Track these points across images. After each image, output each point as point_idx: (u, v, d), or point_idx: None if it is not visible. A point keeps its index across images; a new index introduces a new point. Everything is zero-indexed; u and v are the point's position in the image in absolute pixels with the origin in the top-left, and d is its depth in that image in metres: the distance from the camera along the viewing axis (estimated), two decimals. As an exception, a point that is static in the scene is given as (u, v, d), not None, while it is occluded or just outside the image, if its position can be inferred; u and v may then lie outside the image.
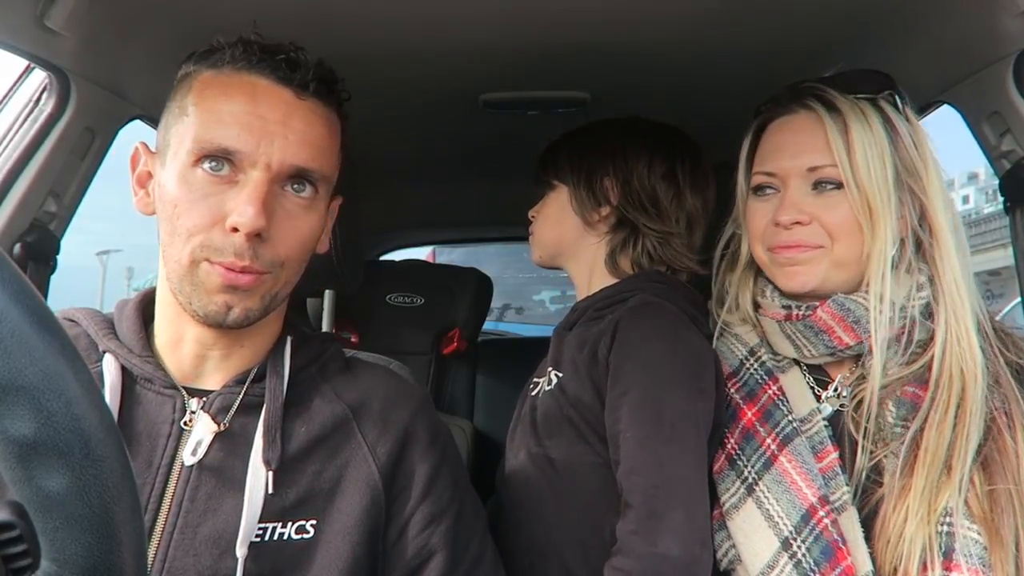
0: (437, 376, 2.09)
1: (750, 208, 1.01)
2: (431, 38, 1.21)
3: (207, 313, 0.76)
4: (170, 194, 0.76)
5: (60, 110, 1.13)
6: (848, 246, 0.92)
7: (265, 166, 0.75)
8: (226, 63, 0.78)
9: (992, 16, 1.02)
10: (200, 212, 0.74)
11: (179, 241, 0.75)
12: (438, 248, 3.93)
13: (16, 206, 1.12)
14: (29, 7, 0.96)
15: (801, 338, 0.96)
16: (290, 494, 0.79)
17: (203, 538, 0.75)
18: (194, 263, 0.75)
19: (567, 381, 1.06)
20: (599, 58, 1.30)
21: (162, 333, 0.83)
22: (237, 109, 0.75)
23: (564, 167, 1.20)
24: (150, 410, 0.79)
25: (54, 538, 0.42)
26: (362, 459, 0.83)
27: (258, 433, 0.79)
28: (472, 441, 1.84)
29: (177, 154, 0.76)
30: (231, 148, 0.74)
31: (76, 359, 0.43)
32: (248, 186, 0.74)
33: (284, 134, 0.76)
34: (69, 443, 0.41)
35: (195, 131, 0.75)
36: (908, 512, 0.84)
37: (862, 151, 0.90)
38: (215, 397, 0.80)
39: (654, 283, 1.11)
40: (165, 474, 0.76)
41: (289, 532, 0.78)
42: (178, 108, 0.79)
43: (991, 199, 22.83)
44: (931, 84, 1.21)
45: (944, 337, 0.90)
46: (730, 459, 0.96)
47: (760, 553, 0.89)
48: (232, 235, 0.74)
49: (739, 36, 1.21)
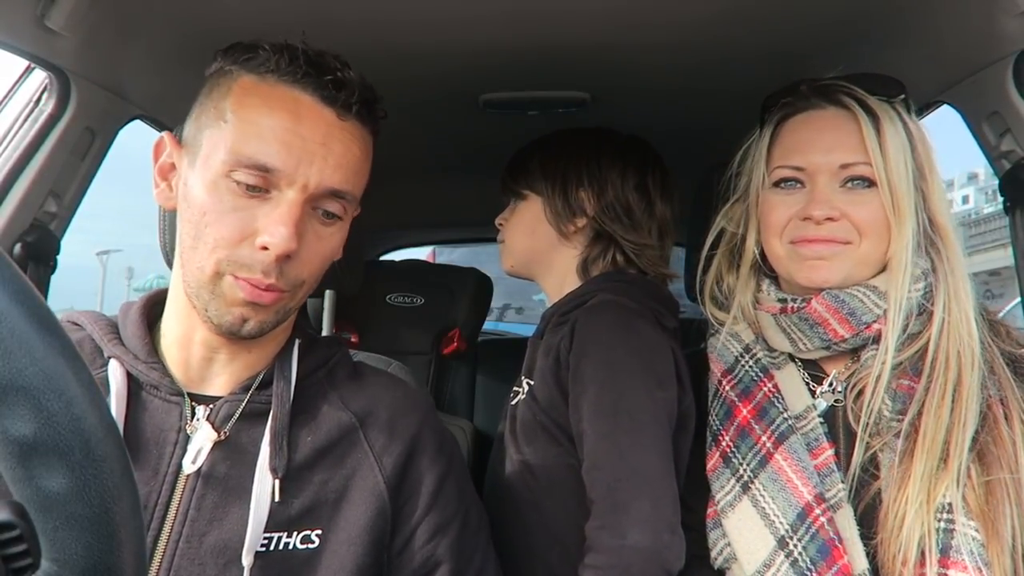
0: (437, 376, 2.09)
1: (769, 201, 0.99)
2: (431, 38, 1.21)
3: (222, 323, 0.76)
4: (198, 200, 0.75)
5: (60, 110, 1.14)
6: (875, 244, 0.92)
7: (302, 187, 0.74)
8: (270, 71, 0.76)
9: (992, 16, 1.02)
10: (229, 225, 0.73)
11: (204, 249, 0.74)
12: (438, 248, 3.93)
13: (16, 206, 1.12)
14: (29, 7, 0.96)
15: (796, 331, 0.96)
16: (295, 503, 0.78)
17: (208, 547, 0.74)
18: (218, 275, 0.74)
19: (538, 388, 1.08)
20: (599, 58, 1.30)
21: (170, 331, 0.82)
22: (278, 125, 0.74)
23: (537, 177, 1.19)
24: (156, 417, 0.78)
25: (54, 538, 0.42)
26: (368, 468, 0.82)
27: (264, 440, 0.78)
28: (472, 441, 1.84)
29: (210, 160, 0.75)
30: (270, 166, 0.73)
31: (76, 359, 0.43)
32: (283, 206, 0.73)
33: (324, 156, 0.75)
34: (69, 443, 0.42)
35: (232, 141, 0.74)
36: (908, 500, 0.84)
37: (894, 151, 0.91)
38: (222, 404, 0.80)
39: (612, 282, 1.12)
40: (172, 482, 0.76)
41: (294, 542, 0.77)
42: (214, 109, 0.76)
43: (991, 199, 22.84)
44: (931, 84, 1.21)
45: (943, 317, 0.90)
46: (725, 457, 0.96)
47: (756, 552, 0.89)
48: (260, 252, 0.73)
49: (738, 37, 1.21)
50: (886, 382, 0.89)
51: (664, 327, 1.07)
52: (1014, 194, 1.15)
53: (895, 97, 0.96)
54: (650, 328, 1.04)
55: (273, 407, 0.80)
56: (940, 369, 0.88)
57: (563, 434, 1.04)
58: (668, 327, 1.08)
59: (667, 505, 0.93)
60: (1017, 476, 0.84)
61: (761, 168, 1.00)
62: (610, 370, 0.99)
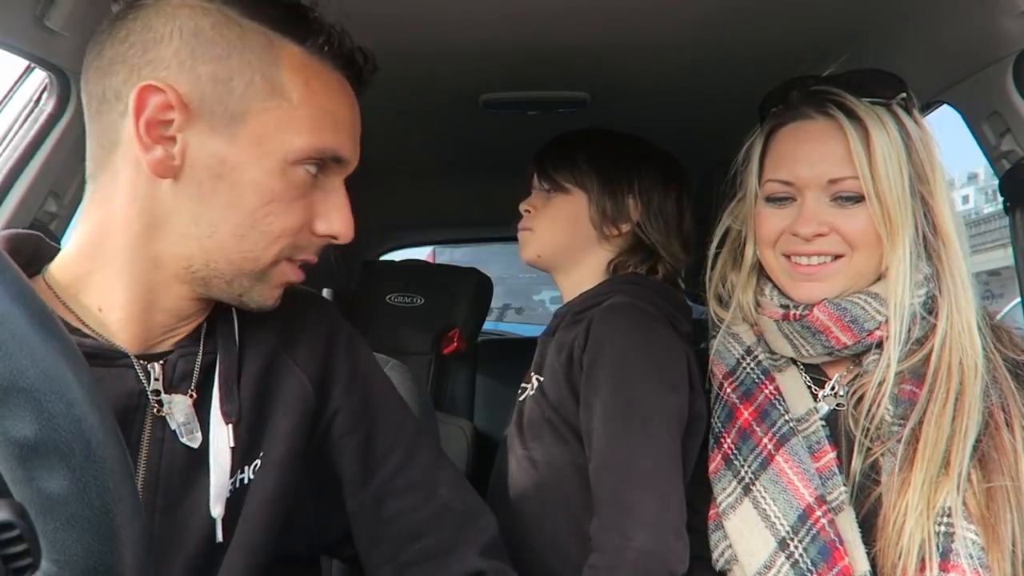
0: (437, 376, 2.09)
1: (761, 214, 0.99)
2: (431, 38, 1.21)
3: (262, 304, 0.75)
4: (261, 186, 0.68)
5: (60, 110, 1.13)
6: (868, 256, 0.92)
7: (346, 172, 0.76)
8: (323, 49, 0.71)
9: (992, 16, 1.02)
10: (296, 215, 0.71)
11: (263, 239, 0.70)
12: (438, 248, 3.94)
13: (16, 206, 1.12)
14: (29, 7, 0.96)
15: (799, 338, 0.96)
16: (244, 439, 0.75)
17: (184, 510, 0.72)
18: (274, 263, 0.73)
19: (548, 385, 1.08)
20: (599, 58, 1.30)
21: (116, 307, 0.71)
22: (347, 118, 0.73)
23: (585, 173, 1.17)
24: (107, 388, 0.68)
25: (54, 539, 0.42)
26: (296, 380, 0.81)
27: (215, 387, 0.75)
28: (472, 441, 1.84)
29: (271, 142, 0.68)
30: (344, 157, 0.73)
31: (77, 361, 0.43)
32: (338, 191, 0.74)
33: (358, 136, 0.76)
34: (70, 444, 0.42)
35: (308, 129, 0.69)
36: (908, 507, 0.84)
37: (883, 162, 0.89)
38: (176, 360, 0.74)
39: (630, 284, 1.12)
40: (135, 453, 0.70)
41: (248, 475, 0.76)
42: (262, 80, 0.67)
43: (991, 199, 22.82)
44: (931, 84, 1.21)
45: (945, 328, 0.89)
46: (727, 459, 0.96)
47: (757, 553, 0.89)
48: (318, 238, 0.74)
49: (738, 36, 1.21)
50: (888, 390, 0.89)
51: (678, 331, 1.07)
52: (1014, 194, 1.15)
53: (893, 97, 0.94)
54: (665, 332, 1.04)
55: (220, 353, 0.76)
56: (942, 379, 0.88)
57: (570, 432, 1.04)
58: (682, 331, 1.08)
59: (673, 509, 0.93)
60: (1018, 483, 0.84)
61: (754, 178, 1.00)
62: (624, 372, 0.99)
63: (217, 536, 0.72)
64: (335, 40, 0.72)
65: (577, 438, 1.03)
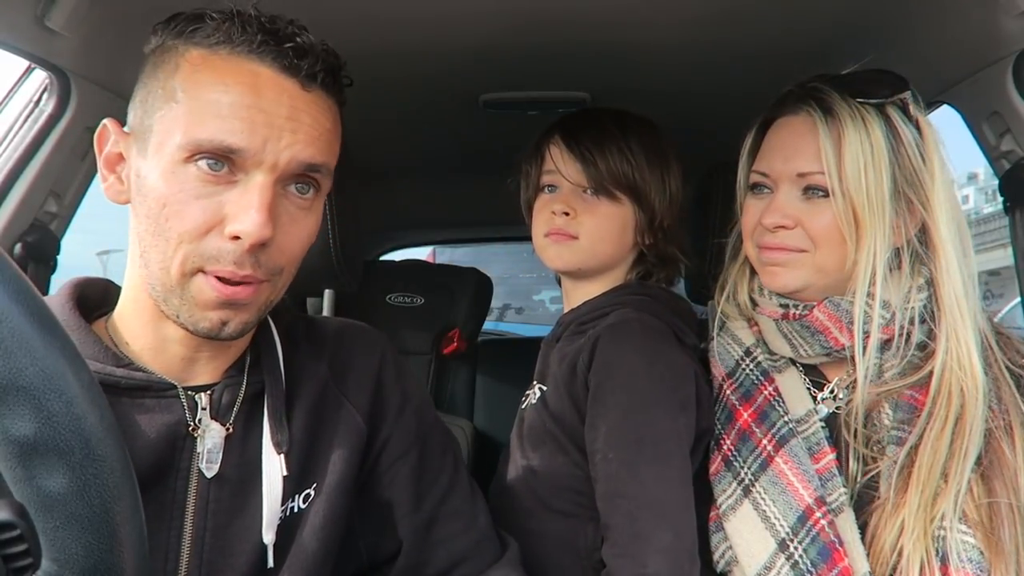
0: (437, 376, 2.09)
1: (746, 204, 1.01)
2: (431, 38, 1.21)
3: (199, 329, 0.70)
4: (156, 190, 0.68)
5: (60, 110, 1.13)
6: (830, 254, 0.91)
7: (271, 167, 0.68)
8: (221, 42, 0.69)
9: (992, 16, 1.02)
10: (194, 215, 0.67)
11: (167, 246, 0.68)
12: (438, 248, 3.93)
13: (17, 206, 1.12)
14: (29, 7, 0.96)
15: (797, 337, 0.96)
16: (296, 468, 0.79)
17: (234, 534, 0.75)
18: (185, 275, 0.68)
19: (550, 395, 1.06)
20: (599, 58, 1.30)
21: (137, 339, 0.75)
22: (238, 102, 0.67)
23: (644, 188, 1.08)
24: (157, 419, 0.73)
25: (55, 538, 0.42)
26: (347, 413, 0.84)
27: (265, 417, 0.78)
28: (472, 441, 1.84)
29: (164, 145, 0.68)
30: (234, 146, 0.66)
31: (76, 359, 0.43)
32: (252, 191, 0.67)
33: (292, 130, 0.69)
34: (69, 443, 0.42)
35: (188, 123, 0.67)
36: (903, 527, 0.84)
37: (853, 160, 0.88)
38: (222, 390, 0.77)
39: (636, 296, 1.08)
40: (186, 479, 0.74)
41: (298, 504, 0.79)
42: (162, 89, 0.69)
43: (991, 199, 22.79)
44: (931, 84, 1.21)
45: (943, 358, 0.88)
46: (726, 460, 0.96)
47: (757, 554, 0.89)
48: (231, 243, 0.67)
49: (739, 37, 1.21)
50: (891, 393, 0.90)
51: (684, 343, 1.05)
52: (1014, 194, 1.15)
53: (888, 97, 0.92)
54: (674, 351, 1.01)
55: (268, 384, 0.79)
56: (943, 401, 0.87)
57: (570, 442, 1.02)
58: (688, 343, 1.05)
59: (687, 533, 0.91)
60: (1020, 497, 0.84)
61: (743, 170, 1.02)
62: (634, 396, 0.96)
63: (268, 562, 0.76)
64: (236, 28, 0.69)
65: (578, 449, 1.01)
